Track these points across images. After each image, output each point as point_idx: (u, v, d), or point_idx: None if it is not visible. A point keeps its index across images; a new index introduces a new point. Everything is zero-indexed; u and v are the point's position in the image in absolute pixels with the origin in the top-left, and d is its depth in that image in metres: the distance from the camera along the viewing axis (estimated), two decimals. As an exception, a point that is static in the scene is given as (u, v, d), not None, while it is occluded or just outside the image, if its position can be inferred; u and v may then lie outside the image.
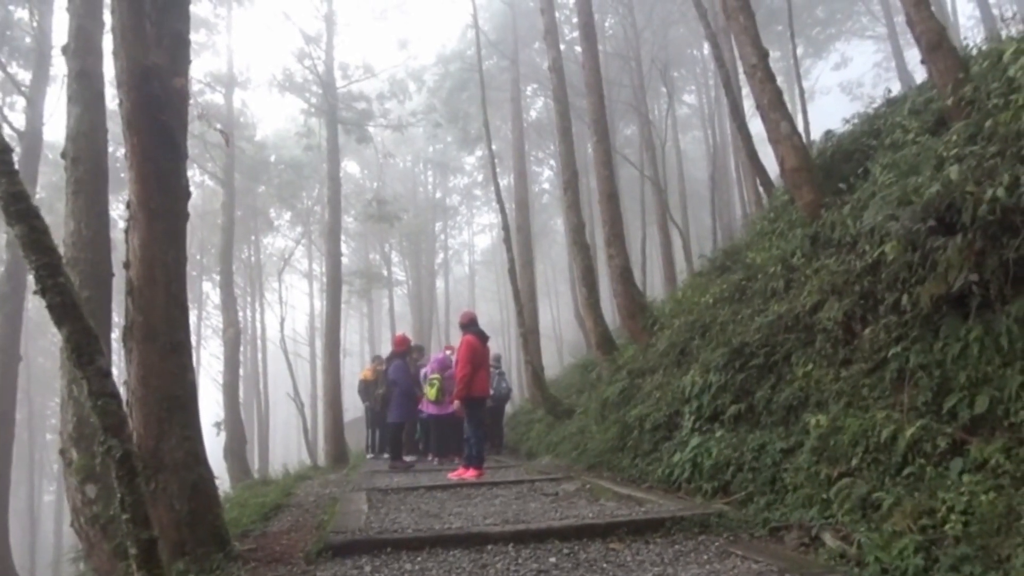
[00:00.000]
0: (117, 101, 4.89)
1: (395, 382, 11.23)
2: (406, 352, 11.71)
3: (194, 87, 22.13)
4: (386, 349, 30.64)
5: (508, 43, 23.36)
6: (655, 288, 24.14)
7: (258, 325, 36.11)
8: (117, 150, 15.88)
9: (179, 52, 5.00)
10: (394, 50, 28.17)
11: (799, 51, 22.93)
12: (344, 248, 23.48)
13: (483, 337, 9.48)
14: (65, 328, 2.72)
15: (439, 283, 41.26)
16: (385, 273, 36.03)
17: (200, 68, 23.44)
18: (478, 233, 50.29)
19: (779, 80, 8.79)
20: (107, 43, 6.48)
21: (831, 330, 5.83)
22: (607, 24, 26.32)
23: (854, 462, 4.67)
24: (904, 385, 4.73)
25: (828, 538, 4.20)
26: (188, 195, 5.04)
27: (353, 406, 31.48)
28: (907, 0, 6.72)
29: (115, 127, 6.34)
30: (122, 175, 5.99)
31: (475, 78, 19.05)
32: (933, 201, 4.76)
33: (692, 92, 34.74)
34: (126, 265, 4.72)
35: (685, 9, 23.70)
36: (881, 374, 5.04)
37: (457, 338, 10.18)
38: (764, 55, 8.42)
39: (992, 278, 4.21)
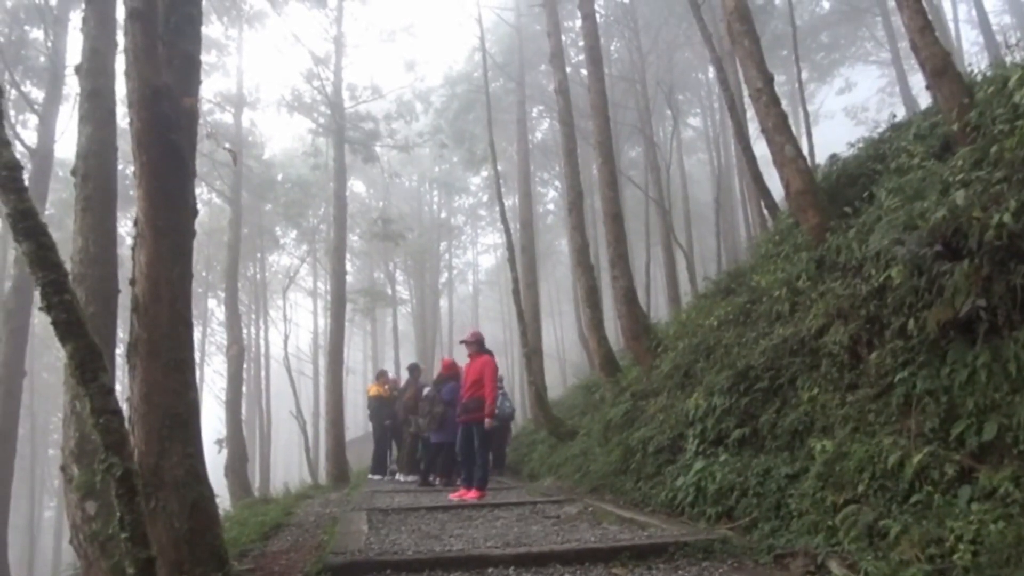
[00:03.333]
0: (128, 120, 4.93)
1: (451, 403, 11.43)
2: (457, 375, 11.98)
3: (204, 107, 22.38)
4: (390, 366, 30.67)
5: (514, 65, 23.57)
6: (659, 309, 24.14)
7: (262, 342, 36.11)
8: (127, 168, 16.07)
9: (190, 73, 5.05)
10: (402, 72, 28.47)
11: (803, 75, 23.04)
12: (349, 266, 23.52)
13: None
14: (69, 345, 2.71)
15: (443, 302, 41.27)
16: (389, 292, 36.05)
17: (210, 88, 23.69)
18: (482, 253, 50.49)
19: (784, 104, 8.82)
20: (119, 63, 6.56)
21: (837, 354, 5.79)
22: (613, 48, 26.57)
23: (860, 488, 4.62)
24: (911, 411, 4.69)
25: (834, 566, 4.15)
26: (195, 213, 5.05)
27: (355, 424, 31.45)
28: (912, 26, 6.77)
29: (125, 145, 6.40)
30: (131, 193, 6.03)
31: (481, 100, 19.18)
32: (939, 226, 4.75)
33: (697, 115, 34.94)
34: (132, 282, 4.73)
35: (690, 33, 23.92)
36: (887, 399, 5.00)
37: (460, 355, 10.18)
38: (769, 79, 8.47)
39: (999, 304, 4.19)
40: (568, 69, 17.33)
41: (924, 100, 15.42)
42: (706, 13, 13.84)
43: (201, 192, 27.61)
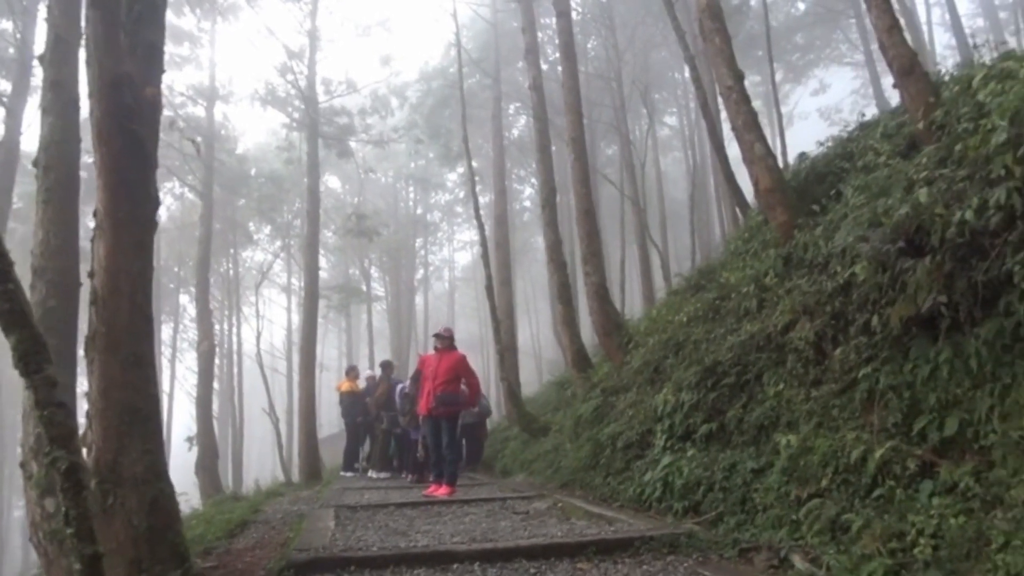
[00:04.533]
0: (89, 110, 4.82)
1: None
2: None
3: (176, 100, 22.15)
4: (364, 363, 30.46)
5: (490, 61, 23.50)
6: (634, 307, 24.23)
7: (235, 339, 35.68)
8: (90, 159, 15.74)
9: (152, 62, 4.94)
10: (377, 66, 28.45)
11: (778, 76, 23.28)
12: (323, 262, 23.37)
13: None
14: (13, 335, 2.63)
15: (418, 299, 41.09)
16: (364, 288, 35.81)
17: (183, 81, 23.42)
18: (459, 249, 50.27)
19: (758, 104, 8.88)
20: (83, 53, 6.40)
21: (802, 350, 5.84)
22: (589, 46, 26.63)
23: (824, 483, 4.66)
24: (874, 406, 4.74)
25: (797, 560, 4.18)
26: (157, 205, 4.94)
27: (328, 422, 31.19)
28: (880, 25, 6.83)
29: (88, 136, 6.26)
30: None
31: (457, 95, 19.11)
32: (903, 223, 4.80)
33: (673, 114, 35.15)
34: (91, 274, 4.62)
35: (667, 32, 23.97)
36: (851, 395, 5.05)
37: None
38: (739, 77, 8.52)
39: (961, 300, 4.23)
40: (544, 66, 17.35)
41: (896, 102, 15.62)
42: (681, 12, 13.92)
43: (173, 186, 27.28)
